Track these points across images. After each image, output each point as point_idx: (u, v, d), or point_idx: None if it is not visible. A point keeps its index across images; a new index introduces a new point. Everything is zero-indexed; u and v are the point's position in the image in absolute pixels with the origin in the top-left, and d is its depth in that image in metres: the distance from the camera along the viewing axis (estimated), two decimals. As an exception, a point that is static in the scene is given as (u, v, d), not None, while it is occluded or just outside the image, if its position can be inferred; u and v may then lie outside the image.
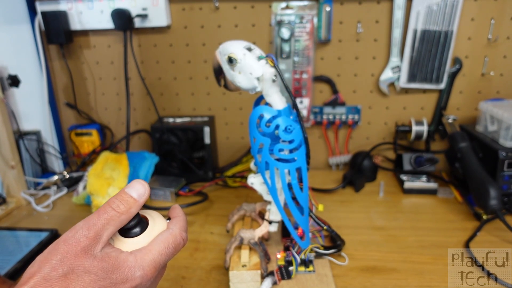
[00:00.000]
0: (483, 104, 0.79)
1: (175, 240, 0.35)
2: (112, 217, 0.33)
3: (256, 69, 0.49)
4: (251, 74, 0.49)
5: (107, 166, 0.78)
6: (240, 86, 0.51)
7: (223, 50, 0.50)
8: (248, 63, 0.49)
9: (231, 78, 0.51)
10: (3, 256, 0.62)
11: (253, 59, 0.49)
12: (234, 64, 0.49)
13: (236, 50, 0.49)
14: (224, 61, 0.50)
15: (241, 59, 0.49)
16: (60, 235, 0.69)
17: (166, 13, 0.85)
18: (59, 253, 0.31)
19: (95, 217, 0.32)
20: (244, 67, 0.49)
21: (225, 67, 0.51)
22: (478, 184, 0.68)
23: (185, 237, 0.37)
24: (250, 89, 0.51)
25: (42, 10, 0.86)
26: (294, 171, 0.50)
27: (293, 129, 0.49)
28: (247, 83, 0.50)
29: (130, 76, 0.90)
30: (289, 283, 0.54)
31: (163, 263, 0.34)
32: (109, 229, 0.33)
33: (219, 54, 0.51)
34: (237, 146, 0.96)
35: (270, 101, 0.51)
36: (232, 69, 0.50)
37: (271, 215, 0.57)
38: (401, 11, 0.80)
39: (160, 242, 0.34)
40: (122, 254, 0.32)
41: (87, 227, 0.32)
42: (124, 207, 0.33)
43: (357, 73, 0.87)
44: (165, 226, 0.36)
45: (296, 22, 0.83)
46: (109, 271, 0.31)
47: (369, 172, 0.87)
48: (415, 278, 0.56)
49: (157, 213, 0.38)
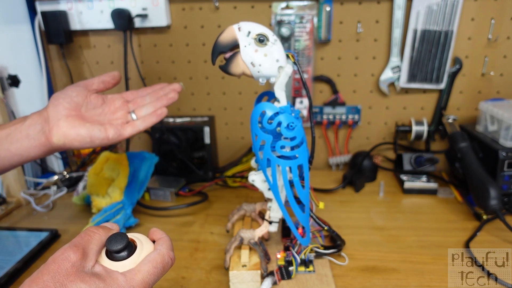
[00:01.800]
0: (483, 104, 0.79)
1: (163, 259, 0.36)
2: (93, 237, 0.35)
3: (283, 59, 0.48)
4: (278, 61, 0.47)
5: (107, 166, 0.78)
6: (259, 69, 0.47)
7: (248, 27, 0.47)
8: (278, 48, 0.47)
9: (249, 58, 0.47)
10: (3, 256, 0.62)
11: (282, 47, 0.48)
12: (264, 44, 0.47)
13: (269, 32, 0.47)
14: (246, 40, 0.47)
15: (272, 43, 0.47)
16: (60, 235, 0.70)
17: (166, 13, 0.85)
18: (50, 272, 0.31)
19: (78, 239, 0.34)
20: (274, 51, 0.47)
21: (245, 45, 0.47)
22: (478, 184, 0.68)
23: (172, 256, 0.37)
24: (268, 76, 0.48)
25: (42, 10, 0.86)
26: (295, 168, 0.50)
27: (295, 126, 0.49)
28: (269, 68, 0.48)
29: (130, 76, 0.90)
30: (289, 283, 0.54)
31: (152, 283, 0.35)
32: (94, 248, 0.34)
33: (237, 30, 0.47)
34: (237, 146, 0.96)
35: (279, 96, 0.50)
36: (256, 49, 0.47)
37: (272, 212, 0.57)
38: (401, 11, 0.80)
39: (148, 262, 0.35)
40: (113, 274, 0.33)
41: (73, 246, 0.33)
42: (103, 229, 0.36)
43: (357, 73, 0.87)
44: (152, 248, 0.37)
45: (296, 22, 0.83)
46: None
47: (369, 172, 0.87)
48: (415, 278, 0.56)
49: (144, 236, 0.39)
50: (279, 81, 0.49)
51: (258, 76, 0.48)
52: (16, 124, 0.53)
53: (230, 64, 0.48)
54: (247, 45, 0.47)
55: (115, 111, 0.60)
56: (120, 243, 0.34)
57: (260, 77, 0.48)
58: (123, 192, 0.74)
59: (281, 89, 0.50)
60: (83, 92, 0.57)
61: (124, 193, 0.73)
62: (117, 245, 0.34)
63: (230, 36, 0.47)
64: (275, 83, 0.49)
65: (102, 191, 0.73)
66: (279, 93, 0.50)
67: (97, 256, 0.35)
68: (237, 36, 0.47)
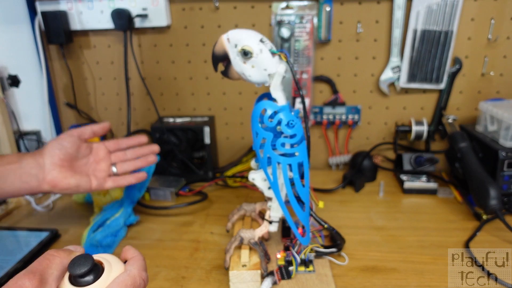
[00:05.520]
0: (483, 104, 0.79)
1: (134, 281, 0.33)
2: (53, 261, 0.32)
3: (271, 66, 0.48)
4: (265, 70, 0.48)
5: (107, 166, 0.78)
6: (250, 79, 0.49)
7: (234, 39, 0.47)
8: (264, 58, 0.47)
9: (240, 69, 0.49)
10: (3, 256, 0.62)
11: (269, 55, 0.47)
12: (248, 57, 0.47)
13: (252, 43, 0.47)
14: (234, 52, 0.48)
15: (257, 54, 0.47)
16: (60, 235, 0.70)
17: (166, 13, 0.85)
18: None
19: (36, 264, 0.32)
20: (259, 62, 0.47)
21: (234, 57, 0.49)
22: (478, 184, 0.68)
23: (145, 277, 0.34)
24: (260, 82, 0.50)
25: (42, 10, 0.86)
26: (296, 166, 0.50)
27: (295, 123, 0.49)
28: (258, 78, 0.49)
29: (130, 76, 0.90)
30: (289, 283, 0.54)
31: None
32: (54, 273, 0.31)
33: (227, 42, 0.48)
34: (237, 146, 0.96)
35: (276, 96, 0.50)
36: (244, 62, 0.48)
37: (272, 211, 0.57)
38: (401, 11, 0.80)
39: (117, 286, 0.32)
40: None
41: (29, 273, 0.31)
42: (64, 252, 0.33)
43: (357, 73, 0.87)
44: (122, 269, 0.34)
45: (296, 22, 0.83)
46: None
47: (369, 172, 0.87)
48: (415, 278, 0.56)
49: (114, 257, 0.35)
50: (273, 83, 0.49)
51: (252, 82, 0.50)
52: (11, 164, 0.57)
53: (228, 71, 0.51)
54: (235, 57, 0.48)
55: (99, 162, 0.65)
56: (84, 266, 0.31)
57: (255, 83, 0.50)
58: (123, 191, 0.74)
59: (277, 90, 0.50)
60: (76, 143, 0.62)
61: (124, 191, 0.73)
62: (80, 268, 0.31)
63: (221, 48, 0.49)
64: (270, 86, 0.50)
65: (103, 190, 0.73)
66: (275, 94, 0.50)
67: (58, 282, 0.32)
68: (226, 47, 0.49)
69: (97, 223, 0.68)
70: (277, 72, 0.48)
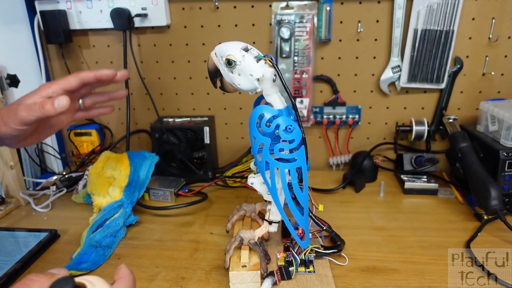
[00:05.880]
0: (484, 104, 0.78)
1: None
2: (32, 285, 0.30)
3: (256, 70, 0.48)
4: (252, 76, 0.48)
5: (108, 166, 0.77)
6: (240, 88, 0.50)
7: (219, 52, 0.50)
8: (247, 64, 0.48)
9: (230, 80, 0.51)
10: (2, 256, 0.62)
11: (252, 60, 0.48)
12: (233, 66, 0.49)
13: (234, 51, 0.48)
14: (221, 63, 0.50)
15: (240, 61, 0.48)
16: (59, 235, 0.70)
17: (166, 13, 0.84)
18: None
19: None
20: (244, 68, 0.48)
21: (223, 69, 0.50)
22: (479, 184, 0.67)
23: None
24: (251, 90, 0.50)
25: (41, 10, 0.85)
26: (294, 171, 0.50)
27: (293, 128, 0.49)
28: (248, 85, 0.50)
29: (129, 76, 0.90)
30: (289, 284, 0.54)
31: None
32: None
33: (215, 56, 0.51)
34: (237, 146, 0.96)
35: (271, 101, 0.50)
36: (231, 71, 0.49)
37: (271, 215, 0.57)
38: (402, 11, 0.80)
39: None
40: None
41: None
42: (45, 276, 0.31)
43: (358, 72, 0.87)
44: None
45: (296, 21, 0.83)
46: None
47: (370, 172, 0.86)
48: (415, 279, 0.55)
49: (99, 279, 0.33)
50: (264, 88, 0.50)
51: (244, 91, 0.51)
52: None
53: (223, 86, 0.53)
54: (224, 69, 0.50)
55: None
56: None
57: (246, 91, 0.51)
58: (122, 191, 0.74)
59: (270, 94, 0.51)
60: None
61: (123, 192, 0.73)
62: None
63: (212, 63, 0.52)
64: (262, 91, 0.50)
65: (103, 191, 0.73)
66: (269, 99, 0.51)
67: None
68: (215, 62, 0.51)
69: (97, 223, 0.67)
70: (264, 77, 0.49)
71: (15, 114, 0.51)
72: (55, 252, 0.65)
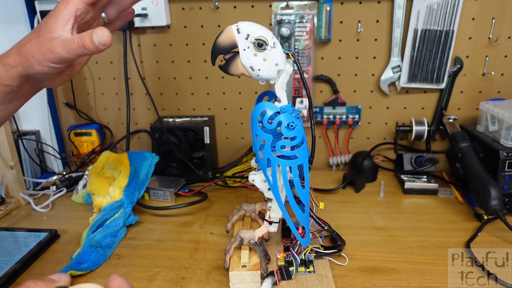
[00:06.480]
0: (484, 104, 0.78)
1: None
2: None
3: (283, 62, 0.47)
4: (277, 65, 0.47)
5: (108, 166, 0.78)
6: (258, 73, 0.48)
7: (246, 29, 0.46)
8: (277, 52, 0.47)
9: (248, 62, 0.47)
10: (2, 256, 0.62)
11: (281, 49, 0.47)
12: (262, 49, 0.46)
13: (268, 35, 0.46)
14: (245, 41, 0.46)
15: (271, 47, 0.46)
16: (59, 235, 0.70)
17: (166, 13, 0.84)
18: None
19: None
20: (272, 55, 0.47)
21: (244, 48, 0.47)
22: (479, 184, 0.67)
23: None
24: (268, 78, 0.48)
25: (41, 10, 0.85)
26: (296, 168, 0.50)
27: (295, 125, 0.49)
28: (268, 73, 0.48)
29: (129, 75, 0.90)
30: (289, 284, 0.54)
31: None
32: None
33: (236, 32, 0.46)
34: (237, 146, 0.96)
35: (280, 95, 0.50)
36: (255, 54, 0.47)
37: (272, 212, 0.57)
38: (402, 11, 0.80)
39: None
40: None
41: None
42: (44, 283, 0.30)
43: (358, 72, 0.87)
44: None
45: (296, 21, 0.83)
46: None
47: (370, 172, 0.86)
48: (415, 279, 0.55)
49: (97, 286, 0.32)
50: (280, 81, 0.49)
51: (258, 78, 0.49)
52: None
53: (230, 65, 0.48)
54: (246, 49, 0.47)
55: None
56: None
57: (260, 79, 0.49)
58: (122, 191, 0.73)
59: (282, 88, 0.50)
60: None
61: (123, 192, 0.73)
62: None
63: (229, 38, 0.47)
64: (275, 83, 0.49)
65: (103, 191, 0.73)
66: (280, 93, 0.50)
67: None
68: (236, 38, 0.47)
69: (97, 223, 0.67)
70: (285, 70, 0.48)
71: (51, 51, 0.45)
72: (55, 252, 0.65)
